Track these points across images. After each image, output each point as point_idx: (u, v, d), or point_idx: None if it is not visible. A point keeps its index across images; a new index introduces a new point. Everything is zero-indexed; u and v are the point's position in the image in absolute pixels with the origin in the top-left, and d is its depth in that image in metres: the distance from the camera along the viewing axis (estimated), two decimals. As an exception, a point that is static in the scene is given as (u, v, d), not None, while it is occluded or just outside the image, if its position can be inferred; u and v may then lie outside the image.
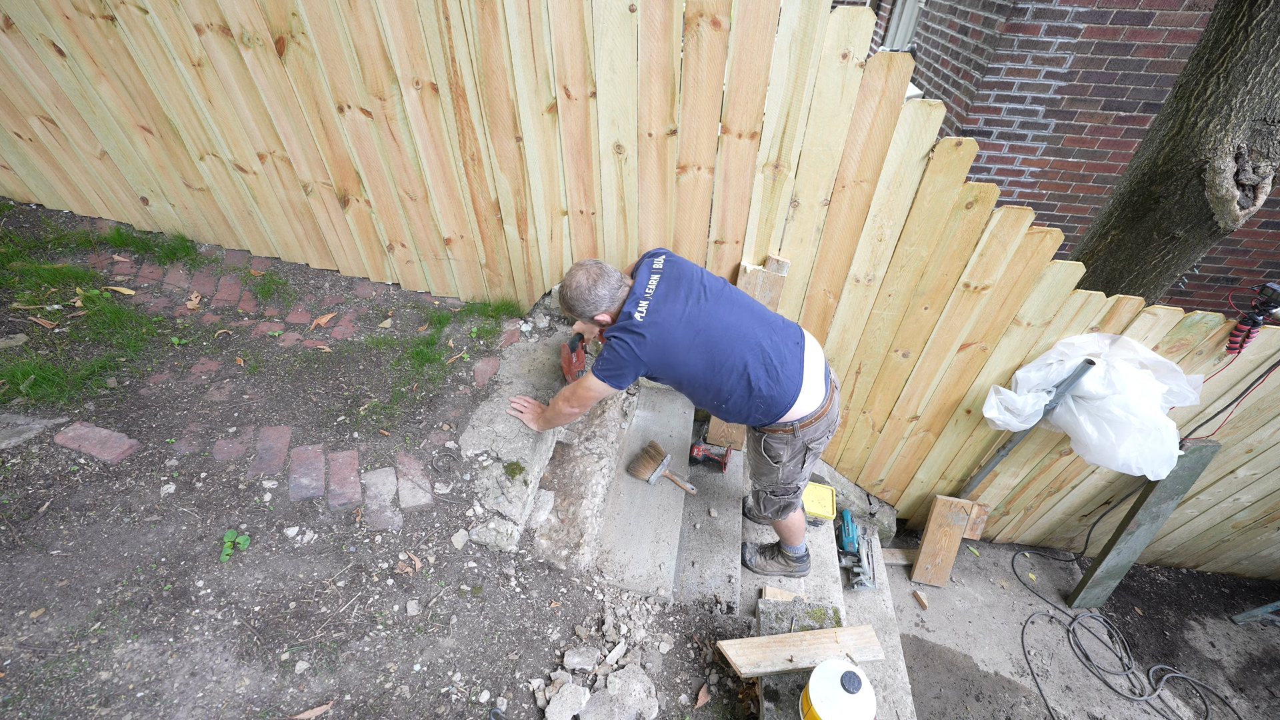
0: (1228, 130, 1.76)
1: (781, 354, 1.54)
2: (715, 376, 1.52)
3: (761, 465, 1.75)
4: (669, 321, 1.48)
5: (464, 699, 1.50)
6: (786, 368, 1.53)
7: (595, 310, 1.56)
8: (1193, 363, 2.01)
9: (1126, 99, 3.42)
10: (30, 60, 2.06)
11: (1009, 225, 1.73)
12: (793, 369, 1.54)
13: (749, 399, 1.54)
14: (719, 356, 1.50)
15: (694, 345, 1.49)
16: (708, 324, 1.50)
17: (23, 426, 1.73)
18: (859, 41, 1.47)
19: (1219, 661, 2.76)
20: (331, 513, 1.75)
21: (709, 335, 1.49)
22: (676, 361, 1.50)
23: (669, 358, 1.50)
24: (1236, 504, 2.57)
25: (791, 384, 1.53)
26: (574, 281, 1.54)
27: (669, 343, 1.48)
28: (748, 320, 1.55)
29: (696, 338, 1.49)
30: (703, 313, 1.51)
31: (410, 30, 1.68)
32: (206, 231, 2.53)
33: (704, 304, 1.52)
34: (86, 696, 1.30)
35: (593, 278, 1.53)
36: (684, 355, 1.49)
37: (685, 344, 1.49)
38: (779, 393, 1.53)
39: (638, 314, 1.49)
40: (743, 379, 1.51)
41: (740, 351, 1.50)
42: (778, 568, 2.20)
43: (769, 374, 1.51)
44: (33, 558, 1.49)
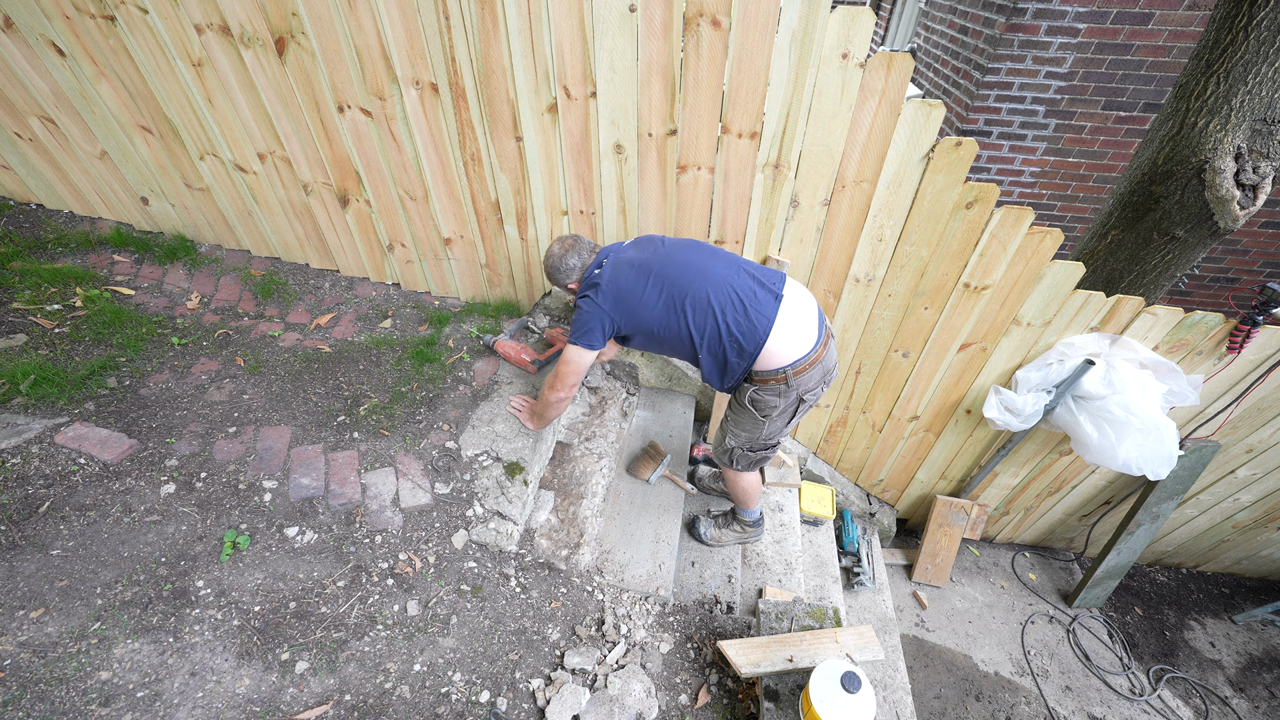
0: (1228, 130, 1.76)
1: (752, 290, 1.47)
2: (680, 317, 1.48)
3: (743, 419, 1.63)
4: (623, 269, 1.54)
5: (464, 699, 1.50)
6: (758, 303, 1.45)
7: (569, 279, 1.64)
8: (1193, 363, 2.01)
9: (1126, 99, 3.42)
10: (30, 60, 2.06)
11: (1009, 225, 1.73)
12: (765, 304, 1.46)
13: (720, 340, 1.47)
14: (678, 293, 1.47)
15: (651, 286, 1.50)
16: (664, 264, 1.51)
17: (23, 426, 1.73)
18: (859, 41, 1.47)
19: (1219, 661, 2.76)
20: (331, 513, 1.75)
21: (666, 274, 1.50)
22: (636, 305, 1.50)
23: (629, 304, 1.50)
24: (1236, 504, 2.57)
25: (763, 319, 1.44)
26: (550, 251, 1.67)
27: (625, 287, 1.51)
28: (711, 260, 1.52)
29: (653, 278, 1.50)
30: (659, 256, 1.53)
31: (410, 30, 1.68)
32: (206, 231, 2.53)
33: (662, 249, 1.55)
34: (86, 696, 1.30)
35: (565, 247, 1.64)
36: (643, 298, 1.49)
37: (642, 286, 1.50)
38: (749, 328, 1.44)
39: (597, 270, 1.57)
40: (708, 315, 1.45)
41: (701, 286, 1.46)
42: (733, 535, 2.08)
43: (735, 308, 1.44)
44: (33, 558, 1.49)
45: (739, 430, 1.70)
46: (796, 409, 1.60)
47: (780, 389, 1.52)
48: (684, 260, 1.51)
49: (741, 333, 1.46)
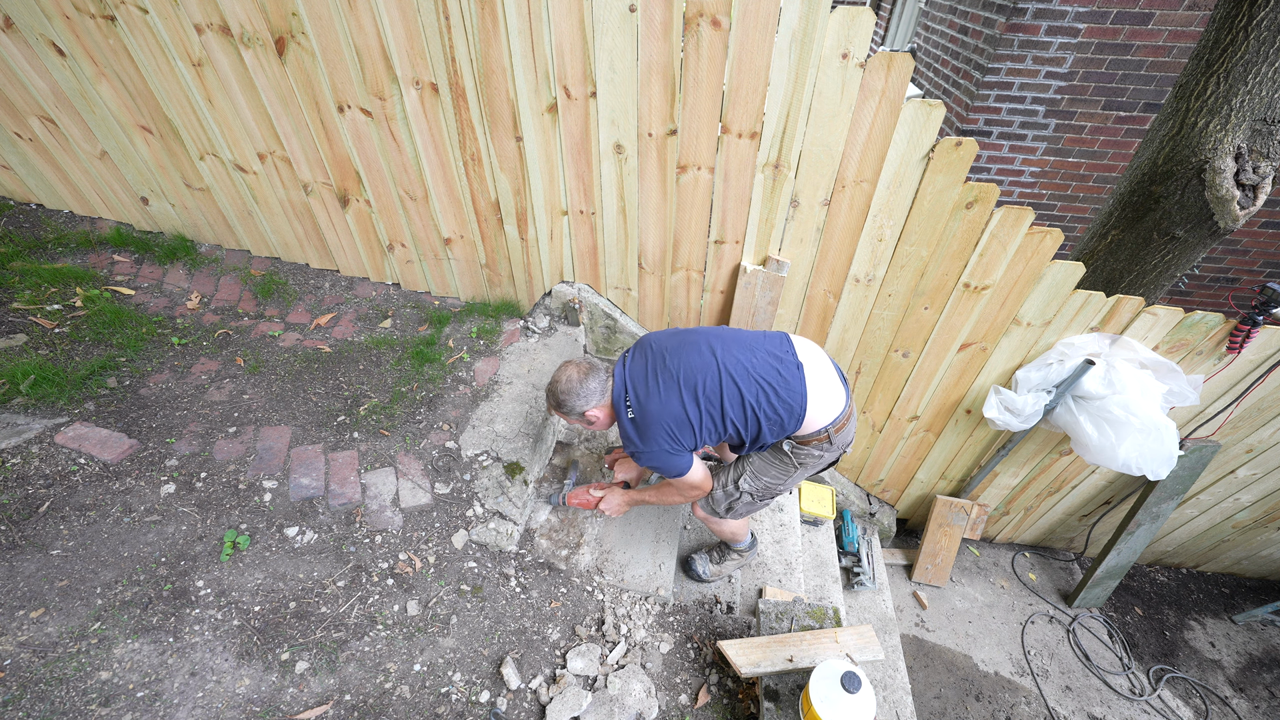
0: (1228, 130, 1.76)
1: (775, 370, 1.46)
2: (723, 423, 1.45)
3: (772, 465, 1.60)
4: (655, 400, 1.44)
5: (464, 699, 1.50)
6: (787, 383, 1.45)
7: (587, 405, 1.50)
8: (1193, 363, 2.01)
9: (1126, 99, 3.42)
10: (30, 60, 2.06)
11: (1009, 225, 1.73)
12: (794, 381, 1.45)
13: (761, 432, 1.46)
14: (715, 404, 1.44)
15: (689, 402, 1.44)
16: (689, 374, 1.44)
17: (23, 426, 1.73)
18: (859, 41, 1.47)
19: (1219, 661, 2.76)
20: (331, 513, 1.75)
21: (697, 384, 1.43)
22: (688, 430, 1.46)
23: (683, 431, 1.45)
24: (1237, 504, 2.57)
25: (797, 397, 1.44)
26: (564, 376, 1.51)
27: (671, 417, 1.44)
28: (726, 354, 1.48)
29: (687, 392, 1.43)
30: (678, 366, 1.46)
31: (410, 30, 1.68)
32: (206, 231, 2.53)
33: (676, 359, 1.48)
34: (86, 696, 1.30)
35: (583, 371, 1.50)
36: (690, 418, 1.44)
37: (682, 406, 1.44)
38: (787, 410, 1.44)
39: (629, 411, 1.47)
40: (748, 417, 1.45)
41: (733, 390, 1.44)
42: (733, 563, 2.01)
43: (769, 395, 1.43)
44: (33, 558, 1.49)
45: (761, 475, 1.62)
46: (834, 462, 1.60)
47: (825, 446, 1.51)
48: (703, 367, 1.45)
49: (781, 414, 1.45)
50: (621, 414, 1.49)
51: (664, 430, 1.45)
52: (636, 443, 1.48)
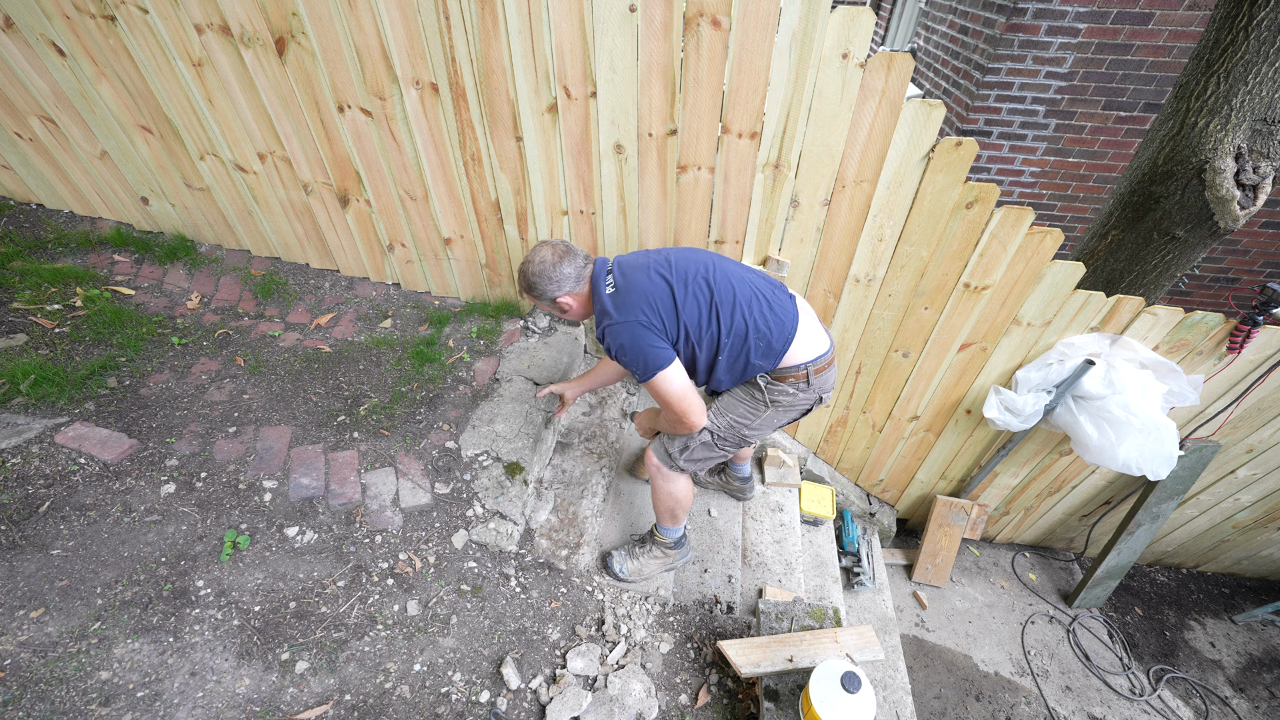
0: (1228, 130, 1.76)
1: (770, 288, 1.43)
2: (709, 315, 1.37)
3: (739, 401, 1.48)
4: (638, 275, 1.37)
5: (464, 699, 1.50)
6: (780, 300, 1.40)
7: (560, 289, 1.42)
8: (1193, 363, 2.01)
9: (1127, 99, 3.42)
10: (30, 60, 2.06)
11: (1009, 225, 1.73)
12: (785, 301, 1.41)
13: (746, 338, 1.37)
14: (703, 293, 1.37)
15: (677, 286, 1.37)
16: (680, 265, 1.39)
17: (23, 426, 1.73)
18: (859, 41, 1.47)
19: (1219, 662, 2.76)
20: (331, 513, 1.75)
21: (686, 274, 1.37)
22: (669, 309, 1.36)
23: (663, 309, 1.35)
24: (1237, 504, 2.57)
25: (789, 314, 1.39)
26: (538, 256, 1.41)
27: (651, 292, 1.35)
28: (723, 261, 1.45)
29: (676, 279, 1.37)
30: (671, 259, 1.41)
31: (410, 30, 1.68)
32: (207, 231, 2.53)
33: (670, 254, 1.44)
34: (87, 696, 1.30)
35: (559, 254, 1.41)
36: (674, 298, 1.36)
37: (668, 288, 1.36)
38: (778, 325, 1.37)
39: (610, 288, 1.38)
40: (734, 312, 1.36)
41: (726, 283, 1.37)
42: (656, 562, 1.80)
43: (761, 304, 1.37)
44: (33, 557, 1.49)
45: (726, 412, 1.49)
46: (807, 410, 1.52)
47: (801, 385, 1.43)
48: (698, 260, 1.42)
49: (769, 328, 1.37)
50: (600, 290, 1.37)
51: (645, 301, 1.31)
52: (612, 314, 1.33)
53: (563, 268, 1.41)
